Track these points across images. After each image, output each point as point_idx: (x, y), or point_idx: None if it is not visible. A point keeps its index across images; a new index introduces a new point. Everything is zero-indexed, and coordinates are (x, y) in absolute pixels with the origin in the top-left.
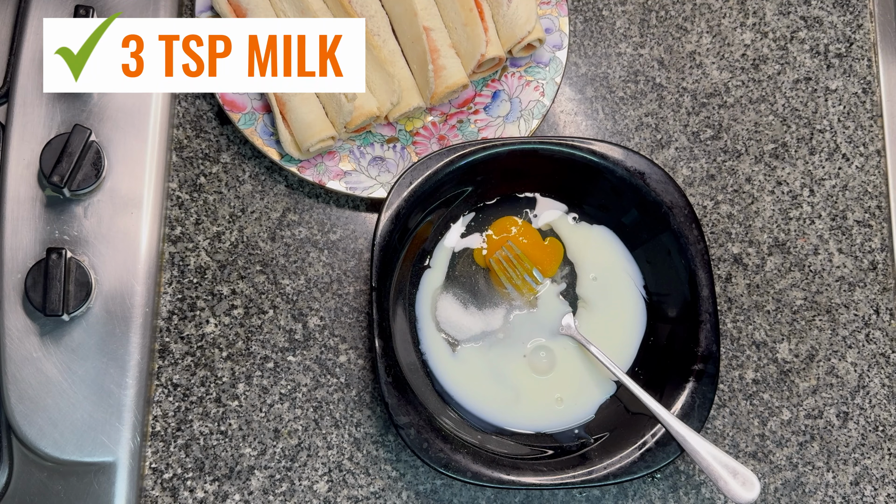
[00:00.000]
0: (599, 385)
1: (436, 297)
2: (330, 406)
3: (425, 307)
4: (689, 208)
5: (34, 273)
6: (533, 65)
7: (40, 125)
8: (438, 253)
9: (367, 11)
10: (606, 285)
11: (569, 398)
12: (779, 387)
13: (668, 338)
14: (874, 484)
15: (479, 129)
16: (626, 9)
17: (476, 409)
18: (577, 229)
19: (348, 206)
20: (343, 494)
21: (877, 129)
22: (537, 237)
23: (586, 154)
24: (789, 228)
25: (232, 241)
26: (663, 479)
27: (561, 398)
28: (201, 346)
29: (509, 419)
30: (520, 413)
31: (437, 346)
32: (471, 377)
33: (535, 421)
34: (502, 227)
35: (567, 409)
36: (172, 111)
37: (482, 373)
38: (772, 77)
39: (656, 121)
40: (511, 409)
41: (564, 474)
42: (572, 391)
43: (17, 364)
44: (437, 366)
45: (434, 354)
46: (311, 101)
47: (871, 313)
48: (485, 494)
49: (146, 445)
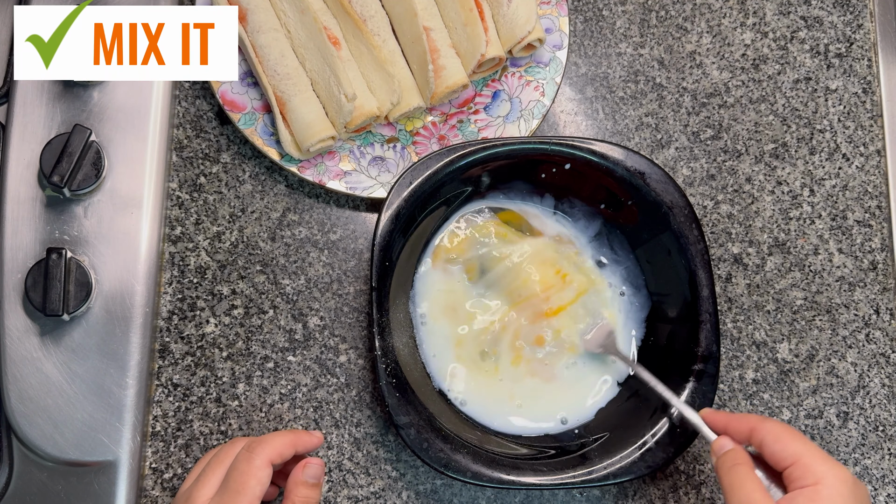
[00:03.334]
0: (601, 385)
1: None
2: (330, 406)
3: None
4: (689, 208)
5: (34, 273)
6: (533, 65)
7: (40, 125)
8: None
9: (367, 11)
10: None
11: (568, 399)
12: (779, 387)
13: (668, 338)
14: (874, 484)
15: (479, 129)
16: (626, 9)
17: (476, 409)
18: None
19: (348, 206)
20: (343, 494)
21: (877, 129)
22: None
23: (586, 154)
24: (789, 228)
25: (232, 241)
26: (663, 478)
27: (560, 399)
28: (201, 346)
29: (509, 419)
30: (520, 413)
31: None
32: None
33: (537, 423)
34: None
35: (566, 410)
36: (172, 111)
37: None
38: (772, 77)
39: (656, 121)
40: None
41: (564, 474)
42: (571, 391)
43: (17, 364)
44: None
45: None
46: (311, 101)
47: (871, 313)
48: (485, 494)
49: (146, 445)
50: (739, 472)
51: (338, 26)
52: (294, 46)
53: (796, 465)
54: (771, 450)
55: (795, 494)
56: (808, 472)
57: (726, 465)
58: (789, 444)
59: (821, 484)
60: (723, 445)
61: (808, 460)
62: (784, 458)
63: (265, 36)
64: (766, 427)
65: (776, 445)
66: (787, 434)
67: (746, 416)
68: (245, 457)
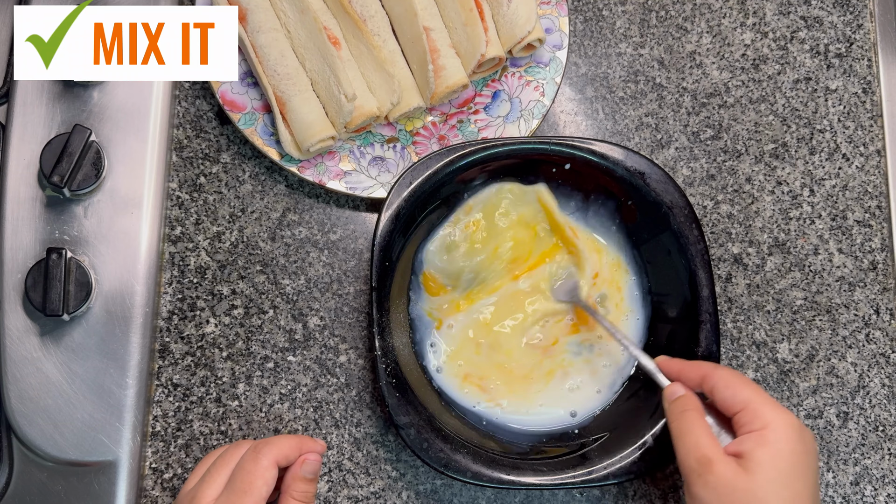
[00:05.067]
0: (601, 385)
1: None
2: (330, 406)
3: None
4: (689, 208)
5: (34, 273)
6: (533, 65)
7: (40, 125)
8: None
9: (367, 11)
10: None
11: (571, 396)
12: (779, 387)
13: (668, 338)
14: (874, 484)
15: (479, 129)
16: (626, 9)
17: (476, 409)
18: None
19: (348, 206)
20: (343, 494)
21: (877, 129)
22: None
23: (586, 154)
24: (789, 228)
25: (232, 241)
26: (663, 478)
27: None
28: (201, 346)
29: (509, 420)
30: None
31: (437, 346)
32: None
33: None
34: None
35: (568, 407)
36: (173, 111)
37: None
38: (772, 77)
39: (656, 121)
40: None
41: (564, 474)
42: (574, 389)
43: (17, 364)
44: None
45: (434, 354)
46: (311, 101)
47: (871, 313)
48: (485, 494)
49: (146, 445)
50: (688, 417)
51: (338, 26)
52: (294, 46)
53: (745, 411)
54: (721, 395)
55: (743, 438)
56: (756, 417)
57: (676, 411)
58: (739, 390)
59: (768, 428)
60: (674, 392)
61: (757, 406)
62: (734, 405)
63: (265, 36)
64: (718, 374)
65: (726, 392)
66: (737, 380)
67: (700, 363)
68: (252, 457)
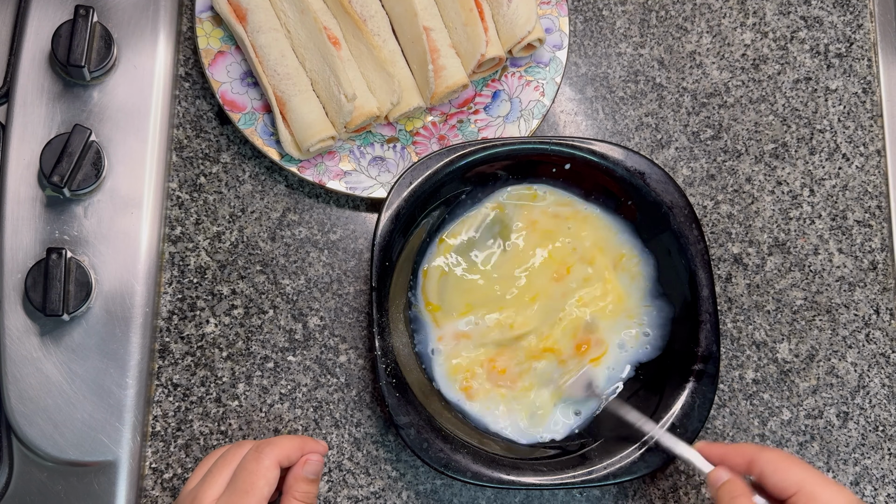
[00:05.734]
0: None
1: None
2: (330, 406)
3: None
4: (689, 208)
5: (34, 273)
6: (533, 65)
7: (40, 125)
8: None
9: (367, 11)
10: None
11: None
12: (779, 387)
13: (668, 338)
14: (874, 484)
15: (479, 129)
16: (626, 9)
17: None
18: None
19: (348, 206)
20: (343, 494)
21: (877, 129)
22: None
23: (586, 154)
24: (789, 228)
25: (232, 241)
26: (663, 478)
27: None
28: (201, 346)
29: (510, 421)
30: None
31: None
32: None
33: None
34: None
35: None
36: (172, 111)
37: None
38: (772, 77)
39: (656, 121)
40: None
41: (564, 474)
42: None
43: (17, 364)
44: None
45: (434, 353)
46: (311, 101)
47: (871, 313)
48: (485, 494)
49: (146, 445)
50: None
51: (338, 26)
52: (294, 46)
53: (800, 494)
54: (772, 480)
55: None
56: (812, 499)
57: (726, 499)
58: (790, 472)
59: None
60: (720, 477)
61: (812, 487)
62: (786, 488)
63: (265, 36)
64: (765, 457)
65: (777, 476)
66: (786, 462)
67: (742, 445)
68: (254, 457)
